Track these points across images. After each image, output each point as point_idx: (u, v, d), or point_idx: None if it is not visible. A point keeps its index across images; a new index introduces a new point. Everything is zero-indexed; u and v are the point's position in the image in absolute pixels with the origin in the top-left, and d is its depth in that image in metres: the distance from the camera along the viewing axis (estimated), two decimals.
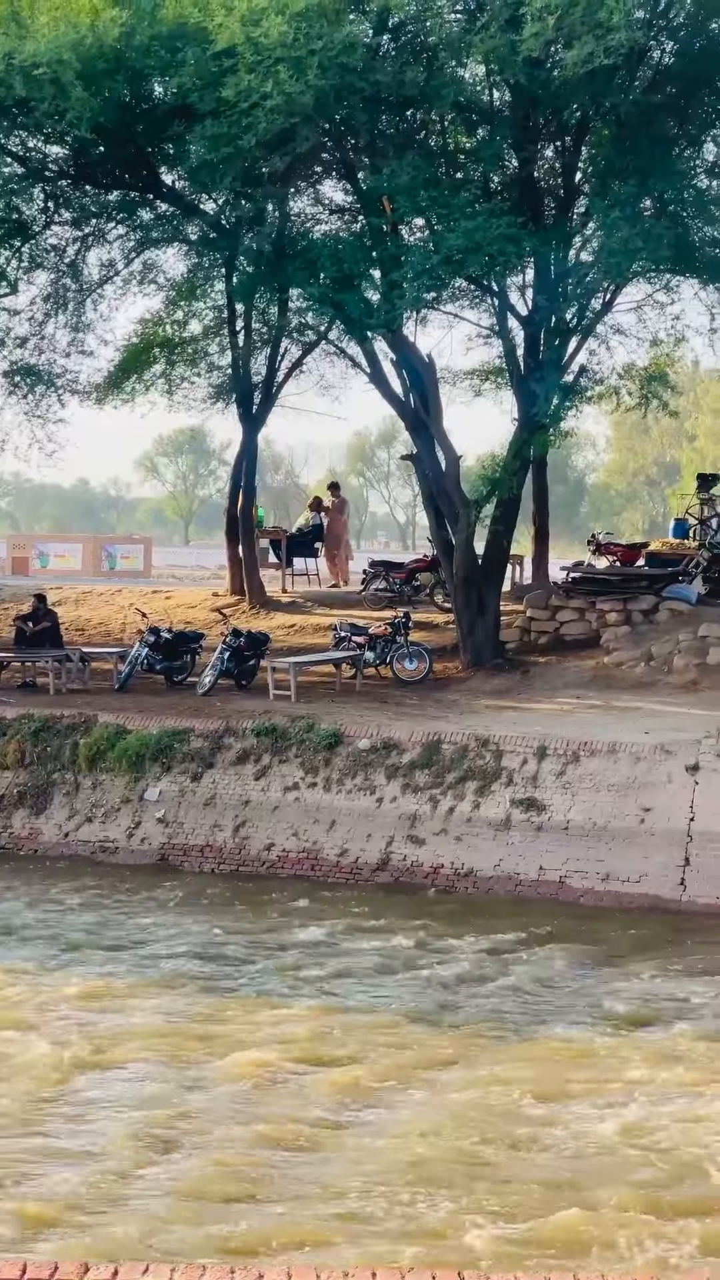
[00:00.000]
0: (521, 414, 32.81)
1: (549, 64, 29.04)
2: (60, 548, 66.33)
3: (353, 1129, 15.57)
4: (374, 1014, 19.16)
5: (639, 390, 36.41)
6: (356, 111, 30.43)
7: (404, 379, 33.63)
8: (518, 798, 25.89)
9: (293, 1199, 13.96)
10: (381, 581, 40.37)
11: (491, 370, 40.57)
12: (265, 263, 33.11)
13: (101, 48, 28.55)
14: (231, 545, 42.17)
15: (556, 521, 53.28)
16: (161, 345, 41.85)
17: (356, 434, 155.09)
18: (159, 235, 37.67)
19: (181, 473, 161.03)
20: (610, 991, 20.24)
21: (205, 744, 28.20)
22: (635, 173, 30.51)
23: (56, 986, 19.91)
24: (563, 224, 32.29)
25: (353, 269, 30.74)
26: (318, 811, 26.91)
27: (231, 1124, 15.55)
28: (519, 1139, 15.31)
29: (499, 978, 20.70)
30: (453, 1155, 14.90)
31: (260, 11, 27.31)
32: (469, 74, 31.83)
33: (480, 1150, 15.03)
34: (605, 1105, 16.20)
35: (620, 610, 33.53)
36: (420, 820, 26.22)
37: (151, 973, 20.64)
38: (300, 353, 41.94)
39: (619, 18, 26.41)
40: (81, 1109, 15.95)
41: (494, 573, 33.95)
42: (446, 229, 29.65)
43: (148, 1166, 14.59)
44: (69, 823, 28.15)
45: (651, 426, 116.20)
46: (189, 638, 33.73)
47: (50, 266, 38.44)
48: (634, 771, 25.62)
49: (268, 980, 20.48)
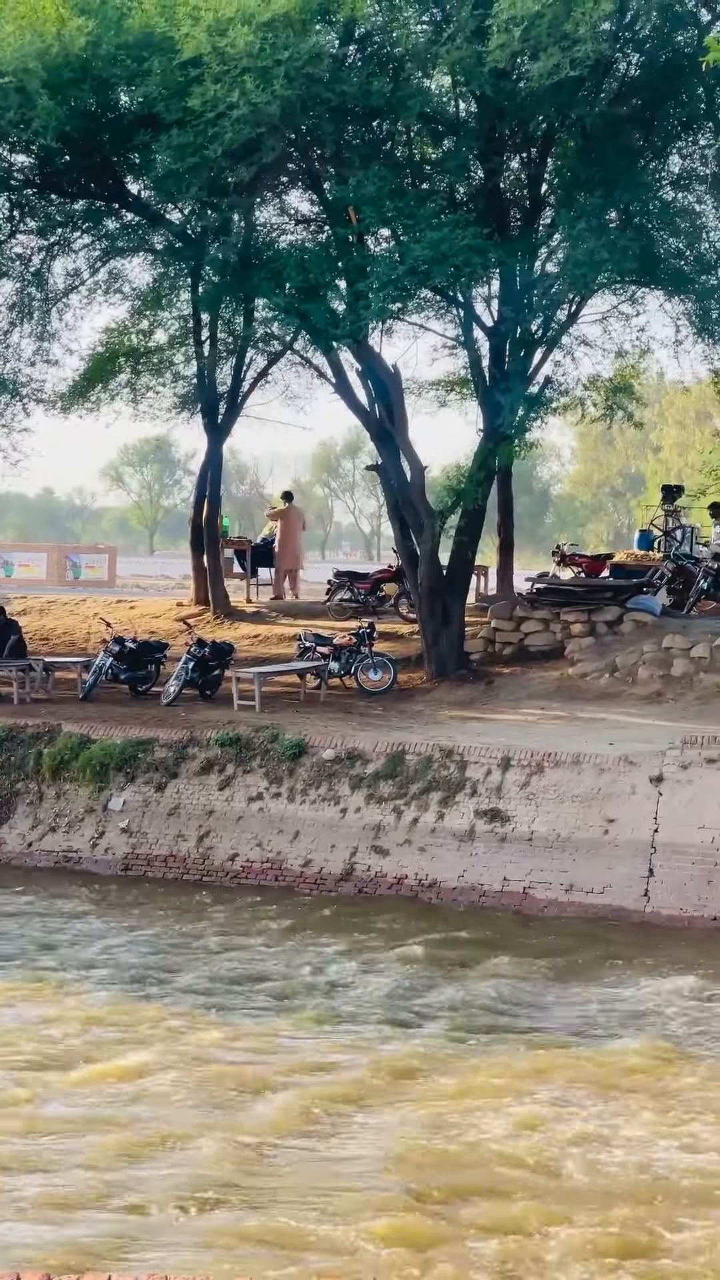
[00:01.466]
0: (486, 425, 32.85)
1: (515, 75, 29.11)
2: (24, 557, 66.04)
3: (312, 1145, 15.57)
4: (330, 1029, 19.14)
5: (604, 401, 36.51)
6: (323, 122, 30.42)
7: (369, 389, 33.63)
8: (482, 809, 25.89)
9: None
10: (346, 592, 40.37)
11: (457, 381, 40.64)
12: (231, 272, 33.10)
13: (67, 56, 28.52)
14: (196, 555, 42.13)
15: (521, 532, 53.37)
16: (127, 355, 41.82)
17: (322, 444, 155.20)
18: (124, 244, 37.63)
19: (146, 482, 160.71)
20: (571, 1003, 20.25)
21: (169, 754, 28.16)
22: (601, 184, 30.56)
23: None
24: (528, 235, 32.33)
25: (318, 279, 30.75)
26: (282, 822, 26.88)
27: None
28: (470, 1154, 15.28)
29: (459, 989, 20.67)
30: (398, 1171, 14.90)
31: (227, 21, 27.30)
32: (435, 85, 31.88)
33: (427, 1170, 15.02)
34: (563, 1118, 16.20)
35: (585, 621, 33.54)
36: (384, 831, 26.20)
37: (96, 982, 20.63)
38: (265, 363, 41.98)
39: (585, 30, 26.49)
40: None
41: (459, 583, 33.98)
42: (412, 239, 29.69)
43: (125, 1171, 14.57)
44: (32, 833, 28.08)
45: (616, 438, 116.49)
46: (153, 647, 33.69)
47: (15, 275, 38.35)
48: (598, 783, 25.64)
49: (197, 992, 20.43)
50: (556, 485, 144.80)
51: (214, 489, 41.84)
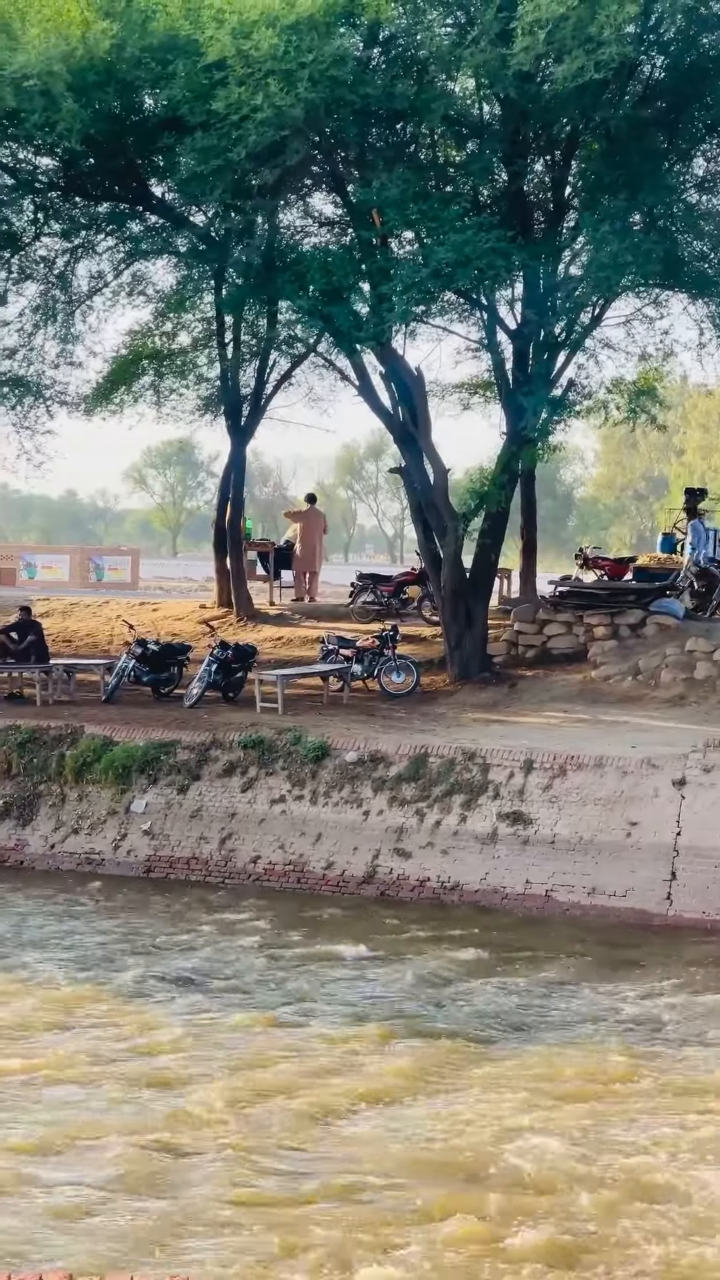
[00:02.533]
0: (510, 428, 32.83)
1: (539, 78, 29.11)
2: (47, 559, 66.15)
3: (339, 1140, 15.56)
4: (355, 1027, 19.13)
5: (627, 405, 36.38)
6: (347, 124, 30.44)
7: (393, 392, 33.62)
8: (504, 811, 25.88)
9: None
10: (369, 594, 40.37)
11: (480, 384, 40.58)
12: (254, 275, 33.08)
13: (92, 59, 28.55)
14: (219, 557, 42.13)
15: (544, 535, 53.41)
16: (150, 357, 41.82)
17: (345, 446, 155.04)
18: (148, 247, 37.61)
19: (170, 484, 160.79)
20: (593, 1006, 20.22)
21: (192, 756, 28.17)
22: (625, 187, 30.53)
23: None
24: (552, 238, 32.31)
25: (342, 282, 30.76)
26: (304, 824, 26.88)
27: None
28: (484, 1158, 15.28)
29: (482, 991, 20.67)
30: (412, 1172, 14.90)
31: (251, 24, 27.32)
32: (459, 87, 31.87)
33: (446, 1166, 15.01)
34: (582, 1123, 16.18)
35: (607, 624, 33.51)
36: (407, 833, 26.20)
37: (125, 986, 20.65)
38: (289, 365, 41.96)
39: (609, 32, 26.47)
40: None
41: (482, 586, 33.95)
42: (436, 242, 29.66)
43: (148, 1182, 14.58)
44: (55, 834, 28.11)
45: (640, 441, 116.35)
46: (176, 650, 33.70)
47: (39, 278, 38.43)
48: (620, 785, 25.62)
49: (230, 991, 20.48)
50: (580, 488, 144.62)
51: (237, 491, 41.85)
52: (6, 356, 39.66)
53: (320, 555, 45.15)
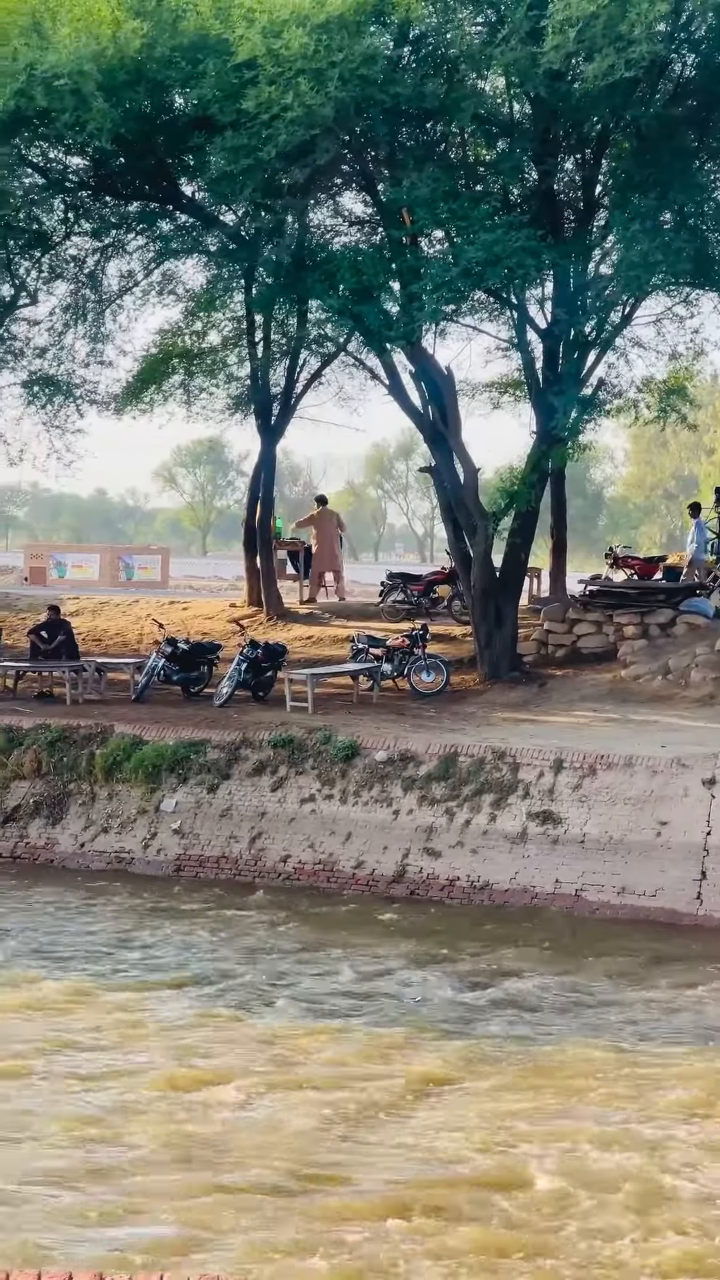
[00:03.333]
0: (540, 427, 32.81)
1: (570, 77, 29.05)
2: (77, 558, 66.23)
3: (370, 1143, 15.56)
4: (386, 1029, 19.14)
5: (658, 404, 36.36)
6: (377, 123, 30.43)
7: (423, 391, 33.62)
8: (534, 810, 25.85)
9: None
10: (399, 593, 40.38)
11: (510, 383, 40.53)
12: (284, 274, 33.09)
13: (123, 59, 28.58)
14: (249, 556, 42.18)
15: (574, 535, 53.36)
16: (180, 356, 41.87)
17: (375, 446, 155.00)
18: (178, 246, 37.66)
19: (199, 483, 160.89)
20: (622, 1006, 20.20)
21: (222, 755, 28.19)
22: (655, 186, 30.47)
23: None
24: (582, 237, 32.28)
25: (372, 281, 30.76)
26: (334, 823, 26.88)
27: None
28: (517, 1160, 15.27)
29: (512, 992, 20.66)
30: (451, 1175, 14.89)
31: (281, 23, 27.34)
32: (489, 86, 31.87)
33: (486, 1168, 15.00)
34: (618, 1125, 16.16)
35: (637, 624, 33.47)
36: (436, 833, 26.18)
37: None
38: (319, 364, 41.98)
39: (640, 30, 26.43)
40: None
41: (511, 585, 33.91)
42: (466, 241, 29.66)
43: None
44: (85, 833, 28.14)
45: (670, 440, 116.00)
46: (206, 649, 33.73)
47: (70, 277, 38.55)
48: (650, 785, 25.58)
49: (253, 988, 20.52)
50: (610, 487, 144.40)
51: (267, 490, 41.88)
52: (37, 355, 39.82)
53: (339, 554, 45.00)
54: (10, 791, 28.85)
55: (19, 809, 28.67)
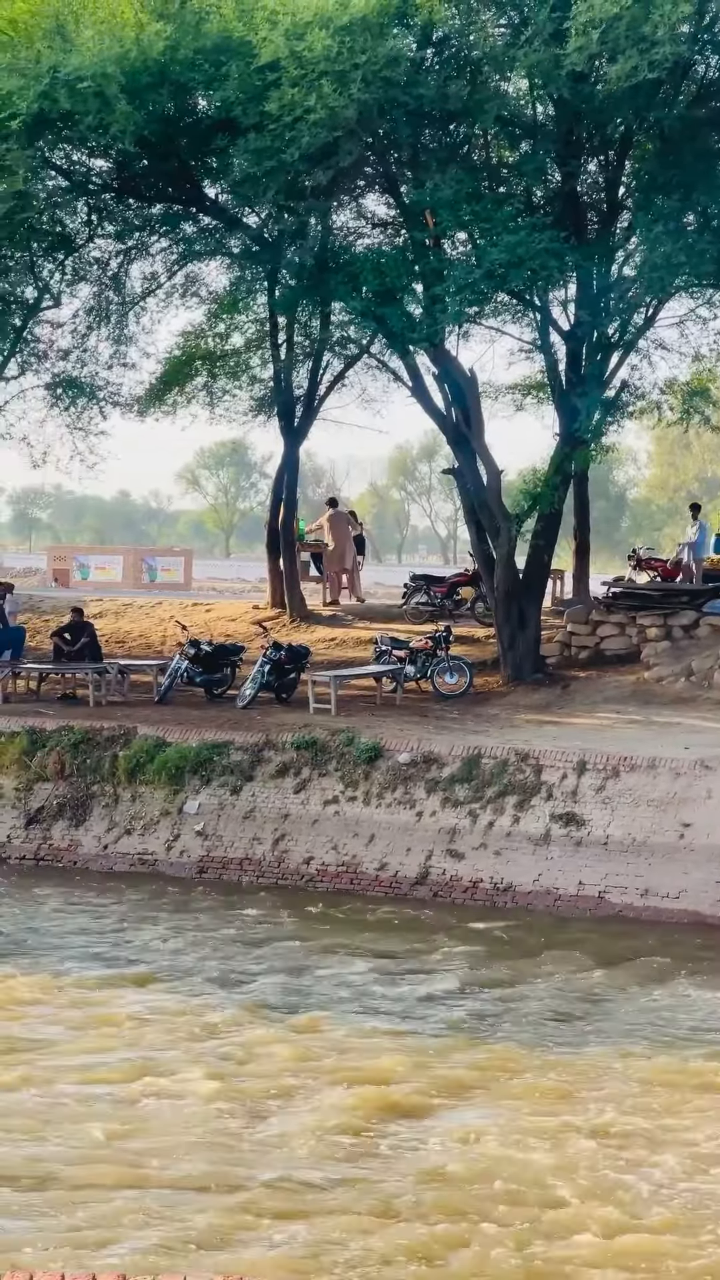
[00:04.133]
0: (563, 429, 32.80)
1: (593, 78, 29.06)
2: (101, 560, 66.34)
3: (390, 1148, 15.57)
4: (409, 1032, 19.14)
5: (681, 405, 36.40)
6: (400, 125, 30.43)
7: (446, 393, 33.61)
8: (557, 812, 25.84)
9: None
10: (423, 595, 40.40)
11: (533, 385, 40.52)
12: (307, 276, 33.14)
13: (146, 61, 28.61)
14: (272, 558, 42.21)
15: (597, 536, 53.20)
16: (203, 358, 41.92)
17: (398, 447, 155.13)
18: (201, 248, 37.71)
19: (222, 485, 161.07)
20: (644, 1008, 20.18)
21: (245, 757, 28.20)
22: (679, 187, 30.48)
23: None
24: (605, 238, 32.27)
25: (395, 283, 30.77)
26: (357, 825, 26.88)
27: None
28: (550, 1160, 15.27)
29: (536, 994, 20.65)
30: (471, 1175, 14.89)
31: (304, 26, 27.36)
32: (513, 88, 31.84)
33: (499, 1168, 15.01)
34: (646, 1131, 16.15)
35: (661, 625, 33.44)
36: (459, 834, 26.18)
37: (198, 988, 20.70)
38: (342, 366, 42.02)
39: (663, 32, 26.43)
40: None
41: (535, 587, 33.89)
42: (489, 243, 29.66)
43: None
44: (108, 835, 28.17)
45: (693, 442, 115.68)
46: (229, 650, 33.75)
47: (93, 279, 38.61)
48: (674, 787, 25.56)
49: (277, 991, 20.53)
50: (633, 489, 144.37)
51: (290, 492, 41.88)
52: (61, 358, 39.91)
53: (351, 553, 44.81)
54: (34, 793, 28.88)
55: (43, 810, 28.71)
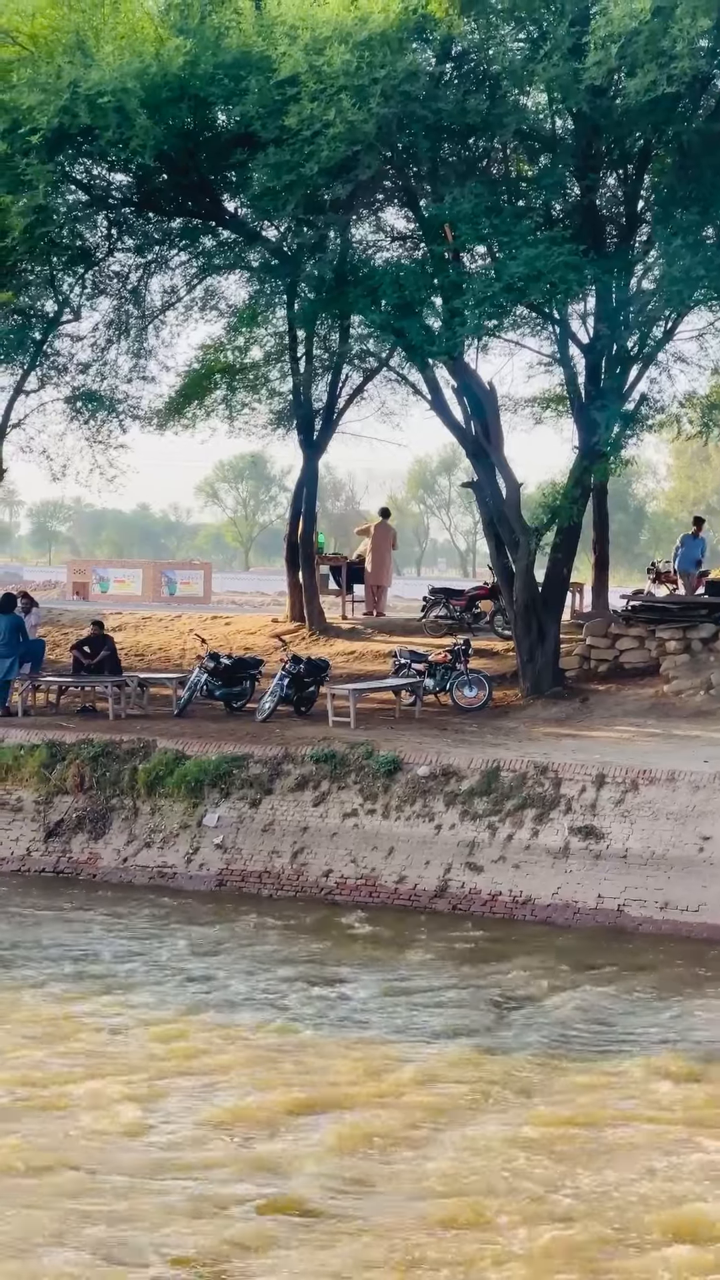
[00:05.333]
0: (582, 442, 32.80)
1: (612, 92, 29.11)
2: (120, 573, 66.48)
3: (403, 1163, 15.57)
4: (426, 1045, 19.14)
5: (700, 418, 36.41)
6: (419, 139, 30.47)
7: (465, 406, 33.63)
8: (576, 825, 25.83)
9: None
10: (442, 608, 40.41)
11: (553, 398, 40.52)
12: (327, 289, 33.17)
13: (165, 76, 28.67)
14: (291, 571, 42.23)
15: (616, 550, 53.30)
16: (223, 371, 41.98)
17: (417, 460, 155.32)
18: (221, 262, 37.82)
19: (242, 498, 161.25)
20: (662, 1024, 20.16)
21: (264, 770, 28.21)
22: (698, 201, 30.49)
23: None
24: (625, 252, 32.28)
25: (414, 296, 30.80)
26: (376, 838, 26.88)
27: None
28: (561, 1179, 15.25)
29: (555, 1008, 20.63)
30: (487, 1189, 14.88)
31: (324, 40, 27.42)
32: (531, 102, 31.87)
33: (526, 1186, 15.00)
34: (662, 1149, 16.14)
35: (680, 638, 33.40)
36: (479, 847, 26.17)
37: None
38: (361, 379, 42.06)
39: (682, 46, 26.45)
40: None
41: (554, 600, 33.87)
42: (508, 256, 29.67)
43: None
44: (128, 848, 28.19)
45: (712, 455, 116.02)
46: (248, 664, 33.74)
47: (113, 293, 38.72)
48: (693, 800, 25.54)
49: (295, 1005, 20.55)
50: (652, 502, 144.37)
51: (309, 505, 41.90)
52: (80, 371, 39.99)
53: (389, 570, 45.00)
54: (53, 806, 28.90)
55: (62, 824, 28.73)
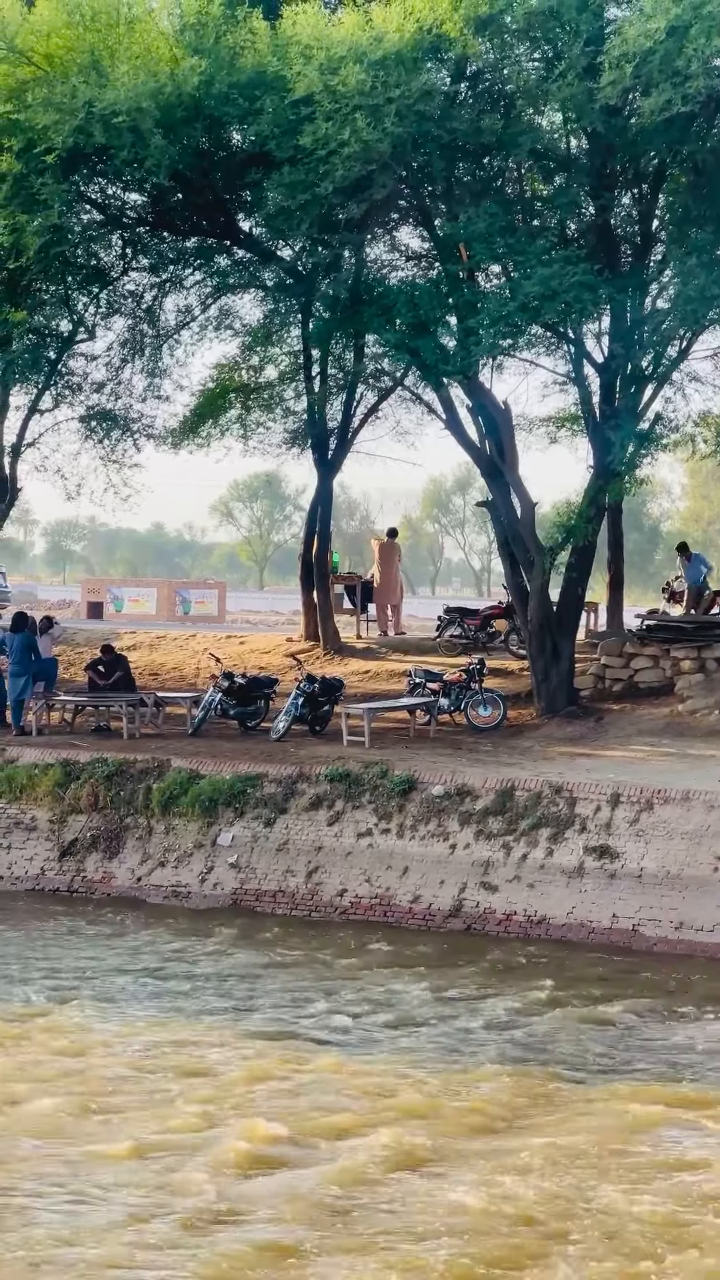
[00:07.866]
0: (597, 461, 32.76)
1: (626, 111, 29.15)
2: (134, 592, 66.39)
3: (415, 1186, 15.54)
4: (441, 1066, 19.11)
5: (714, 438, 36.37)
6: (434, 158, 30.51)
7: (480, 425, 33.62)
8: (591, 845, 25.79)
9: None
10: (456, 628, 40.39)
11: (567, 417, 40.44)
12: (341, 309, 33.21)
13: (180, 96, 28.70)
14: (306, 591, 42.25)
15: (631, 569, 53.18)
16: (237, 390, 42.03)
17: (432, 480, 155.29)
18: (236, 281, 37.88)
19: (256, 518, 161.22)
20: (677, 1044, 20.11)
21: (278, 789, 28.20)
22: (712, 219, 30.51)
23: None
24: (639, 271, 32.28)
25: (429, 315, 30.81)
26: (391, 857, 26.85)
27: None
28: (575, 1202, 15.22)
29: (568, 1028, 20.60)
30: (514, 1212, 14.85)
31: (338, 60, 27.45)
32: (546, 121, 31.86)
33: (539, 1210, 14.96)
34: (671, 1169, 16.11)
35: (695, 658, 33.37)
36: (493, 867, 26.14)
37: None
38: (376, 398, 42.10)
39: (697, 65, 26.48)
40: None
41: (568, 620, 33.82)
42: (523, 276, 29.68)
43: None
44: (141, 867, 28.18)
45: None
46: (263, 683, 33.73)
47: (128, 312, 38.74)
48: (708, 819, 25.49)
49: (307, 1024, 20.53)
50: (666, 522, 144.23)
51: (324, 524, 41.93)
52: (95, 390, 40.01)
53: (398, 588, 44.97)
54: (68, 825, 28.91)
55: (76, 843, 28.73)
